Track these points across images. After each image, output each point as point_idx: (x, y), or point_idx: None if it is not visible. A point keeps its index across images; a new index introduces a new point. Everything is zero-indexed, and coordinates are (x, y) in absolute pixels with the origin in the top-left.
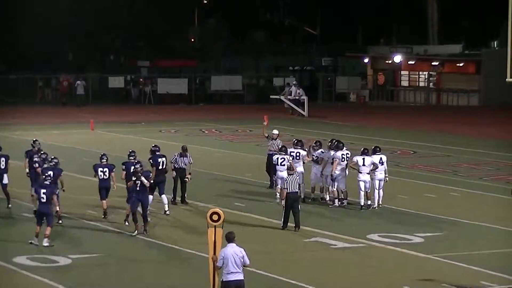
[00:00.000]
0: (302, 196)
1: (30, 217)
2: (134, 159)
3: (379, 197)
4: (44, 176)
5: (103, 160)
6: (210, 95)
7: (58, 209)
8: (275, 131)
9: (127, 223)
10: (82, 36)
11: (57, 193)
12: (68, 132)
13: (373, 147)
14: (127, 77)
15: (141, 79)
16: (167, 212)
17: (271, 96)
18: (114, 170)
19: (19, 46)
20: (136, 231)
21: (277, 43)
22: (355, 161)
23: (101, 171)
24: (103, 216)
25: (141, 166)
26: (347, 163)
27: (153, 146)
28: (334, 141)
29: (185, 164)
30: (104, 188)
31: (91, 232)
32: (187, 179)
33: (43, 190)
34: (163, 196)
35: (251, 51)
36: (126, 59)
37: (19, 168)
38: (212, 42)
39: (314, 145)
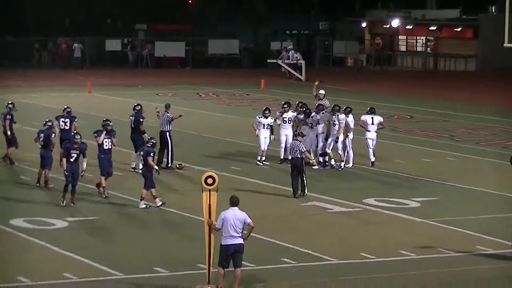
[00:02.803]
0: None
1: (27, 180)
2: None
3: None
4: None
5: (64, 112)
6: (207, 59)
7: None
8: (322, 91)
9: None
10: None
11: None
12: (65, 95)
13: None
14: (124, 40)
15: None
16: (130, 169)
17: (268, 60)
18: (76, 120)
19: (15, 8)
20: (64, 201)
21: (274, 7)
22: (364, 119)
23: (62, 121)
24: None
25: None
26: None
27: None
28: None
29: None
30: (66, 139)
31: (88, 195)
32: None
33: (141, 153)
34: (134, 154)
35: (249, 16)
36: (123, 22)
37: (17, 130)
38: (209, 6)
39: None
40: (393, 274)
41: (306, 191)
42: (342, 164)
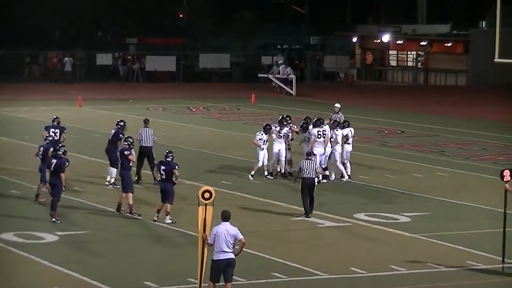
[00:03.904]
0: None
1: (17, 194)
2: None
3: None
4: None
5: (54, 123)
6: (198, 73)
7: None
8: (337, 105)
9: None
10: (69, 13)
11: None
12: (56, 108)
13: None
14: (115, 54)
15: (129, 56)
16: (106, 183)
17: (259, 75)
18: (65, 131)
19: (6, 22)
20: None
21: (265, 21)
22: (347, 134)
23: (52, 131)
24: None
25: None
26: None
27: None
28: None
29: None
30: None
31: (78, 209)
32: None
33: (162, 167)
34: (110, 168)
35: (240, 30)
36: (114, 36)
37: (8, 144)
38: (200, 20)
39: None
40: None
41: (312, 211)
42: (333, 177)
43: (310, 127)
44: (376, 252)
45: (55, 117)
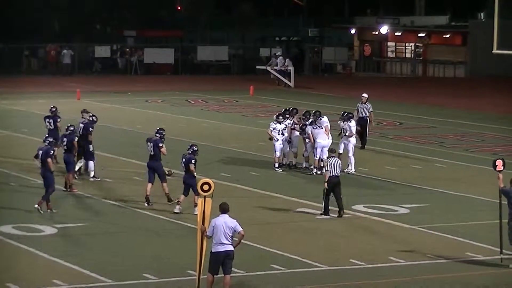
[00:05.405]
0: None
1: (15, 186)
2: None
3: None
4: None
5: (49, 112)
6: (197, 65)
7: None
8: (365, 95)
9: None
10: (67, 5)
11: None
12: (54, 101)
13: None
14: (114, 47)
15: (128, 49)
16: (91, 179)
17: (257, 67)
18: (59, 120)
19: (5, 15)
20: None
21: (263, 14)
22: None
23: (47, 121)
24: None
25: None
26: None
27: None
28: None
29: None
30: (52, 137)
31: (76, 202)
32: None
33: (183, 160)
34: (88, 161)
35: (238, 22)
36: (112, 29)
37: (6, 137)
38: (198, 13)
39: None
40: (382, 281)
41: (343, 210)
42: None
43: (307, 122)
44: (375, 244)
45: (51, 106)
